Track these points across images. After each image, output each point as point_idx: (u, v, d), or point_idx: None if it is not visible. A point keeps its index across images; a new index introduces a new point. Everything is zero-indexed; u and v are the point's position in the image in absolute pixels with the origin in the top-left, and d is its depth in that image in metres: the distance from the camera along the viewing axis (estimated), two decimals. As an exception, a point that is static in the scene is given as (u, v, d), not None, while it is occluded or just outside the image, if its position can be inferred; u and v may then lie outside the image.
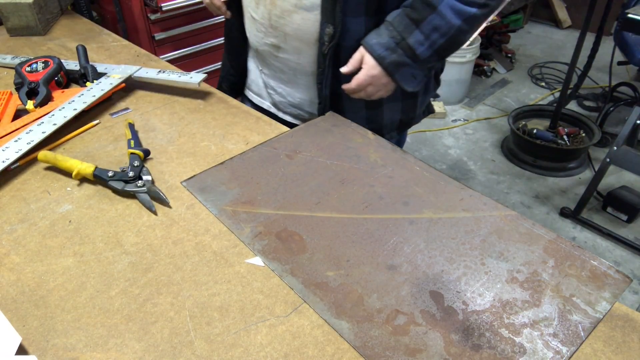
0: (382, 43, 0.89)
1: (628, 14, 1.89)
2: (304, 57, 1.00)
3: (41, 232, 0.69)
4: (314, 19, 0.92)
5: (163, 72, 1.02)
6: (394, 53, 0.89)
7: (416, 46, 0.88)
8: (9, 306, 0.58)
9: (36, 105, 0.93)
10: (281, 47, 1.01)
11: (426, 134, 2.87)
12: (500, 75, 3.46)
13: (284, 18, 0.95)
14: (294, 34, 0.96)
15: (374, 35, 0.91)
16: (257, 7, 0.99)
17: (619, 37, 2.52)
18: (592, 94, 3.14)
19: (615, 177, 2.46)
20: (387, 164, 0.82)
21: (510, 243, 0.67)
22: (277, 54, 1.03)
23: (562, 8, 4.10)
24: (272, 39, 1.00)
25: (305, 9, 0.92)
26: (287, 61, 1.03)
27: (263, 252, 0.65)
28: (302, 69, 1.02)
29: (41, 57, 1.04)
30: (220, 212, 0.72)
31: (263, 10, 0.97)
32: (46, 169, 0.81)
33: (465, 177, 2.53)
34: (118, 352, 0.54)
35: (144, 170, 0.78)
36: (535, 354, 0.53)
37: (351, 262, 0.64)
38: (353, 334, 0.55)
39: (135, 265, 0.64)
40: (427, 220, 0.70)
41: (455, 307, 0.58)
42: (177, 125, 0.93)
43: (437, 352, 0.53)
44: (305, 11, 0.92)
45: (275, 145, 0.86)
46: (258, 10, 0.99)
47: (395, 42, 0.88)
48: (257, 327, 0.56)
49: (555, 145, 2.48)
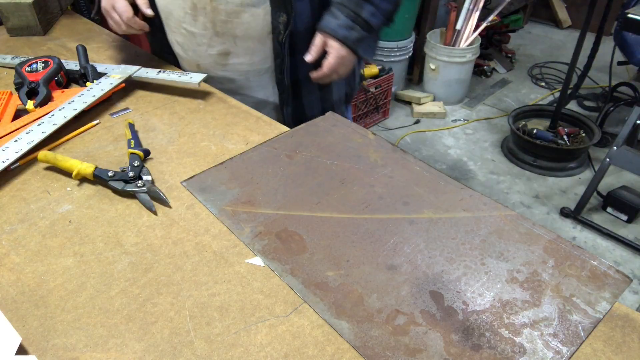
0: (342, 24, 0.93)
1: (628, 14, 1.89)
2: (257, 55, 1.00)
3: (41, 232, 0.69)
4: (263, 13, 0.93)
5: (163, 72, 1.02)
6: (354, 30, 0.93)
7: (370, 18, 0.93)
8: (9, 306, 0.58)
9: (36, 105, 0.93)
10: (231, 52, 0.99)
11: (426, 134, 2.87)
12: (500, 75, 3.46)
13: (231, 21, 0.94)
14: (244, 34, 0.96)
15: (330, 18, 0.93)
16: (194, 20, 0.95)
17: (619, 37, 2.52)
18: (592, 94, 3.14)
19: (615, 177, 2.46)
20: (387, 164, 0.82)
21: (510, 243, 0.67)
22: (225, 62, 1.01)
23: (562, 8, 4.10)
24: (219, 46, 0.98)
25: (253, 5, 0.92)
26: (238, 66, 1.01)
27: (263, 252, 0.65)
28: (255, 69, 1.02)
29: (41, 57, 1.04)
30: (220, 212, 0.72)
31: (204, 20, 0.95)
32: (46, 169, 0.81)
33: (465, 177, 2.53)
34: (118, 352, 0.54)
35: (144, 170, 0.78)
36: (535, 354, 0.53)
37: (351, 262, 0.64)
38: (353, 334, 0.55)
39: (135, 265, 0.64)
40: (427, 220, 0.70)
41: (455, 307, 0.58)
42: (177, 125, 0.93)
43: (437, 352, 0.53)
44: (253, 7, 0.92)
45: (275, 145, 0.86)
46: (197, 23, 0.95)
47: (352, 19, 0.92)
48: (257, 327, 0.56)
49: (555, 145, 2.48)
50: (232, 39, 0.97)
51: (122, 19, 0.95)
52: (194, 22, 0.96)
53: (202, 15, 0.94)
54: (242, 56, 1.00)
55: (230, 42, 0.97)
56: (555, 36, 4.00)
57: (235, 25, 0.94)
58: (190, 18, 0.96)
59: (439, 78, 3.02)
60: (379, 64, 2.84)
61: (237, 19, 0.93)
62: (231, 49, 0.98)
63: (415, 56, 3.13)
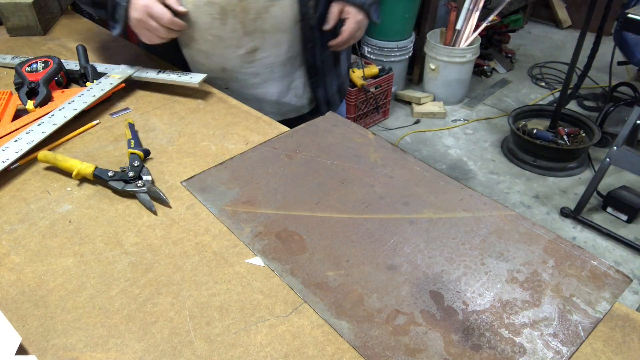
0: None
1: (628, 14, 1.89)
2: (283, 46, 1.02)
3: (41, 232, 0.69)
4: (290, 3, 0.96)
5: (163, 72, 1.02)
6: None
7: None
8: (9, 306, 0.58)
9: (36, 105, 0.93)
10: (259, 48, 1.00)
11: (426, 134, 2.87)
12: (500, 75, 3.46)
13: (260, 17, 0.95)
14: (272, 28, 0.97)
15: None
16: (223, 23, 0.95)
17: (619, 37, 2.52)
18: (592, 94, 3.14)
19: (615, 177, 2.46)
20: (387, 164, 0.82)
21: (510, 243, 0.67)
22: (253, 58, 1.01)
23: (562, 8, 4.10)
24: (248, 45, 0.99)
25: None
26: (264, 60, 1.03)
27: (263, 252, 0.65)
28: (281, 59, 1.04)
29: (41, 57, 1.04)
30: (220, 212, 0.72)
31: (233, 22, 0.95)
32: (46, 169, 0.81)
33: (465, 177, 2.53)
34: (118, 352, 0.54)
35: (144, 170, 0.78)
36: (535, 354, 0.53)
37: (351, 262, 0.64)
38: (353, 334, 0.55)
39: (135, 265, 0.64)
40: (427, 220, 0.70)
41: (455, 307, 0.58)
42: (177, 125, 0.93)
43: (437, 352, 0.53)
44: (280, 0, 0.94)
45: (275, 145, 0.86)
46: (225, 26, 0.95)
47: None
48: (257, 327, 0.56)
49: (555, 145, 2.48)
50: (261, 35, 0.98)
51: (162, 22, 0.89)
52: (222, 26, 0.95)
53: (232, 17, 0.94)
54: (270, 49, 1.01)
55: (259, 39, 0.98)
56: (555, 36, 4.00)
57: (264, 21, 0.96)
58: (218, 23, 0.95)
59: (439, 78, 3.02)
60: (379, 64, 2.84)
61: (265, 14, 0.95)
62: (259, 45, 1.00)
63: (415, 56, 3.13)
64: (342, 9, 1.02)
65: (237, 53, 1.00)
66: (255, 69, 1.04)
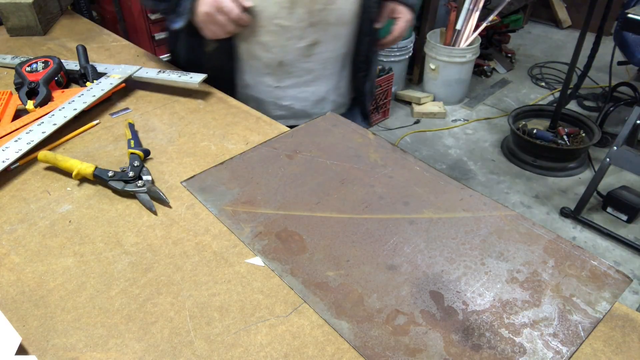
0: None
1: (628, 14, 1.89)
2: (340, 41, 1.04)
3: (41, 232, 0.69)
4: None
5: (163, 72, 1.02)
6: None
7: None
8: (9, 306, 0.58)
9: (36, 105, 0.93)
10: (319, 42, 1.01)
11: (426, 134, 2.87)
12: (500, 75, 3.46)
13: (327, 8, 0.96)
14: (336, 21, 0.99)
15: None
16: (290, 13, 0.95)
17: (619, 37, 2.52)
18: (592, 94, 3.14)
19: (615, 177, 2.46)
20: (387, 164, 0.82)
21: (510, 243, 0.67)
22: (311, 53, 1.02)
23: (562, 8, 4.10)
24: (310, 37, 0.99)
25: None
26: (322, 55, 1.04)
27: (263, 252, 0.65)
28: (335, 55, 1.06)
29: (41, 57, 1.04)
30: (220, 212, 0.72)
31: (300, 12, 0.95)
32: (46, 169, 0.81)
33: (465, 177, 2.53)
34: (118, 352, 0.54)
35: (144, 170, 0.78)
36: (535, 354, 0.53)
37: (351, 262, 0.64)
38: (353, 334, 0.55)
39: (135, 265, 0.64)
40: (427, 220, 0.70)
41: (455, 307, 0.58)
42: (177, 125, 0.93)
43: (437, 352, 0.53)
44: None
45: (275, 145, 0.86)
46: (292, 16, 0.95)
47: None
48: (257, 327, 0.56)
49: (555, 145, 2.48)
50: (324, 28, 0.99)
51: (231, 17, 0.89)
52: (289, 15, 0.95)
53: (300, 6, 0.94)
54: (328, 43, 1.02)
55: (322, 31, 0.99)
56: (555, 36, 4.00)
57: (329, 13, 0.96)
58: (285, 12, 0.95)
59: (439, 78, 3.02)
60: (379, 64, 2.84)
61: (332, 5, 0.96)
62: (321, 38, 1.00)
63: (415, 56, 3.13)
64: (394, 8, 1.06)
65: (298, 45, 1.00)
66: (311, 64, 1.05)
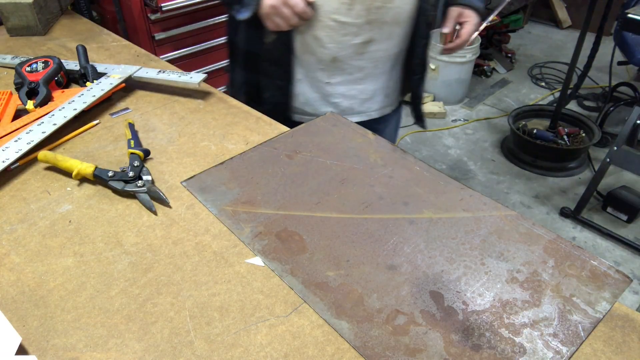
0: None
1: (628, 14, 1.89)
2: (393, 41, 1.04)
3: (41, 232, 0.69)
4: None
5: (163, 72, 1.02)
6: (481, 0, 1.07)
7: None
8: (9, 306, 0.58)
9: (36, 105, 0.93)
10: (374, 40, 1.01)
11: (426, 134, 2.87)
12: (500, 75, 3.46)
13: (384, 6, 0.96)
14: (392, 20, 0.99)
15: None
16: (349, 9, 0.95)
17: (619, 37, 2.52)
18: (592, 94, 3.14)
19: (615, 177, 2.46)
20: (387, 164, 0.82)
21: (510, 243, 0.67)
22: (364, 50, 1.02)
23: (562, 8, 4.10)
24: (365, 35, 1.00)
25: None
26: (374, 53, 1.04)
27: (263, 252, 0.65)
28: (387, 55, 1.06)
29: (41, 57, 1.04)
30: (220, 212, 0.72)
31: (359, 9, 0.95)
32: (46, 169, 0.81)
33: (465, 177, 2.53)
34: (118, 352, 0.54)
35: (144, 170, 0.78)
36: (535, 354, 0.53)
37: (351, 262, 0.64)
38: (353, 334, 0.55)
39: (135, 265, 0.64)
40: (427, 220, 0.70)
41: (455, 307, 0.58)
42: (177, 125, 0.93)
43: (437, 352, 0.53)
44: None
45: (275, 145, 0.86)
46: (351, 12, 0.96)
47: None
48: (257, 327, 0.56)
49: (555, 145, 2.48)
50: (379, 26, 0.99)
51: (296, 10, 0.92)
52: (348, 11, 0.96)
53: (359, 3, 0.95)
54: (382, 42, 1.03)
55: (377, 29, 0.99)
56: (555, 36, 4.00)
57: (386, 11, 0.97)
58: (345, 8, 0.96)
59: (439, 78, 3.02)
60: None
61: (390, 3, 0.96)
62: (376, 36, 1.01)
63: (416, 56, 3.12)
64: (461, 12, 1.05)
65: (353, 42, 1.01)
66: (363, 62, 1.05)
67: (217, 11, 2.05)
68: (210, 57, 2.15)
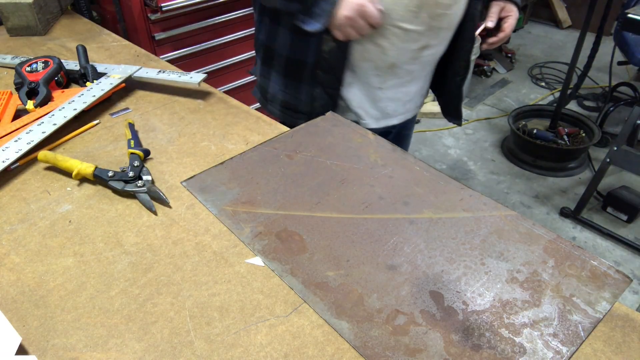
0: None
1: (628, 14, 1.89)
2: (443, 45, 1.06)
3: (41, 232, 0.69)
4: (463, 3, 1.00)
5: (163, 72, 1.02)
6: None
7: None
8: (9, 306, 0.58)
9: (36, 105, 0.93)
10: (429, 45, 1.02)
11: (426, 134, 2.87)
12: (500, 75, 3.46)
13: (445, 13, 0.97)
14: (447, 26, 1.01)
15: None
16: (415, 16, 0.94)
17: (619, 37, 2.52)
18: (592, 94, 3.14)
19: (615, 177, 2.46)
20: (387, 164, 0.82)
21: (510, 243, 0.67)
22: (419, 55, 1.03)
23: (562, 8, 4.10)
24: (423, 41, 1.00)
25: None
26: (426, 57, 1.05)
27: (263, 252, 0.65)
28: (434, 59, 1.08)
29: (41, 57, 1.04)
30: (220, 212, 0.72)
31: (424, 16, 0.95)
32: (46, 169, 0.81)
33: (465, 177, 2.53)
34: (118, 352, 0.54)
35: (144, 170, 0.78)
36: (535, 354, 0.53)
37: (351, 262, 0.64)
38: (353, 334, 0.55)
39: (135, 265, 0.64)
40: (427, 220, 0.70)
41: (455, 307, 0.58)
42: (177, 125, 0.93)
43: (437, 352, 0.53)
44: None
45: (275, 145, 0.86)
46: (417, 19, 0.95)
47: None
48: (257, 327, 0.56)
49: (555, 145, 2.48)
50: (437, 32, 1.00)
51: (372, 21, 0.90)
52: (414, 18, 0.95)
53: (425, 10, 0.94)
54: (436, 47, 1.04)
55: (434, 35, 1.00)
56: (555, 36, 4.00)
57: (444, 18, 0.98)
58: (411, 15, 0.94)
59: (439, 78, 3.01)
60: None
61: (449, 10, 0.97)
62: (431, 41, 1.01)
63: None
64: (503, 7, 1.07)
65: (411, 48, 1.00)
66: (414, 66, 1.06)
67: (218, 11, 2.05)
68: (210, 57, 2.15)
